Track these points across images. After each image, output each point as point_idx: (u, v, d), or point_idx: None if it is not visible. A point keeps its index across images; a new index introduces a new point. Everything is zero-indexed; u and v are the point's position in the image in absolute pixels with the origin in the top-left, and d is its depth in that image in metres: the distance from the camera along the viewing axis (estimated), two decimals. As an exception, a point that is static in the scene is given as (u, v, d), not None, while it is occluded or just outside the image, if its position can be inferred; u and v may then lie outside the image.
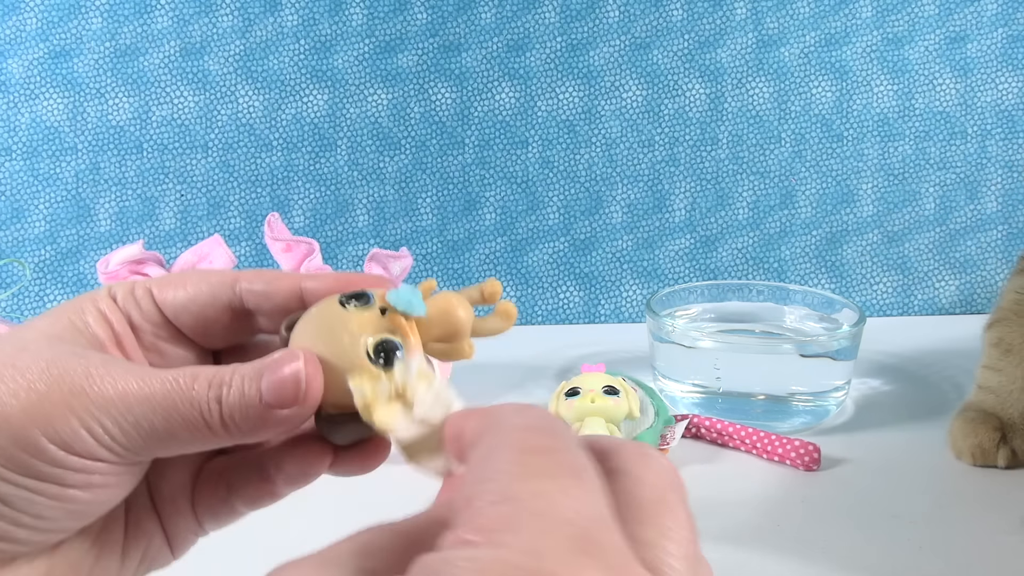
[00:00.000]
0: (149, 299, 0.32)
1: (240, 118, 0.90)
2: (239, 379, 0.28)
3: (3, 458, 0.27)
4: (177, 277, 0.33)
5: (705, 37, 0.91)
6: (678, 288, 0.77)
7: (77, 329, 0.30)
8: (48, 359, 0.28)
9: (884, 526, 0.55)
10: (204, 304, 0.32)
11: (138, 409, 0.28)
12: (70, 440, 0.27)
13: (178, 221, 0.91)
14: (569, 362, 0.80)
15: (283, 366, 0.28)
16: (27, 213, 0.89)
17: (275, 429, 0.29)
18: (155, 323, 0.32)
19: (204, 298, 0.32)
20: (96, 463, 0.28)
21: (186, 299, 0.32)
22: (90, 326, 0.31)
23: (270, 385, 0.28)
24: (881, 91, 0.91)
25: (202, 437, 0.28)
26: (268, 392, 0.28)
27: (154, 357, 0.32)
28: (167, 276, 0.33)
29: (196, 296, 0.32)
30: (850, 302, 0.73)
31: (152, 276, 0.33)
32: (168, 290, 0.32)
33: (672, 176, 0.92)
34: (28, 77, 0.88)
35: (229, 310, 0.32)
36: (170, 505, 0.32)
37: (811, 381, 0.68)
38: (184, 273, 0.33)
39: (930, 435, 0.66)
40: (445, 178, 0.92)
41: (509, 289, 0.93)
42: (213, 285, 0.32)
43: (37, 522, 0.28)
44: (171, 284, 0.32)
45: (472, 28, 0.90)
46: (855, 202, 0.92)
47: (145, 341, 0.32)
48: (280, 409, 0.28)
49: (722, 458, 0.63)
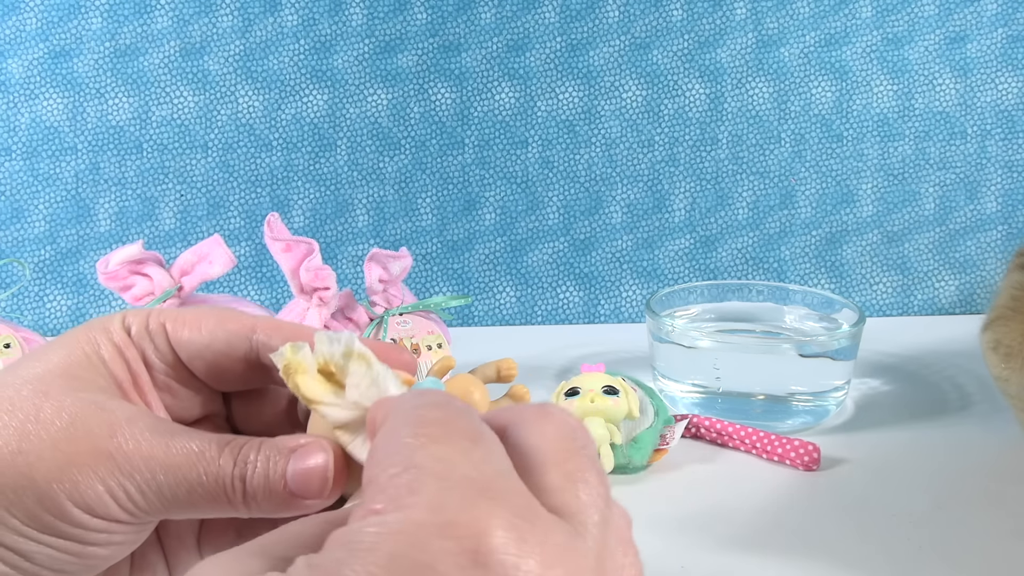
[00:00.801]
0: (163, 337, 0.32)
1: (240, 118, 0.90)
2: (264, 460, 0.28)
3: (27, 517, 0.27)
4: (193, 316, 0.32)
5: (705, 37, 0.91)
6: (678, 288, 0.77)
7: (94, 366, 0.30)
8: (72, 413, 0.28)
9: (884, 526, 0.55)
10: (219, 352, 0.31)
11: (162, 478, 0.28)
12: (93, 504, 0.27)
13: (178, 221, 0.91)
14: (569, 362, 0.80)
15: (310, 457, 0.28)
16: (27, 213, 0.89)
17: (295, 513, 0.28)
18: (168, 363, 0.32)
19: (220, 346, 0.31)
20: (116, 524, 0.28)
21: (201, 345, 0.31)
22: (107, 363, 0.30)
23: (295, 475, 0.28)
24: (881, 91, 0.91)
25: (222, 510, 0.28)
26: (294, 481, 0.28)
27: (166, 397, 0.32)
28: (183, 313, 0.32)
29: (211, 343, 0.31)
30: (850, 302, 0.73)
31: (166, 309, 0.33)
32: (184, 331, 0.32)
33: (672, 176, 0.92)
34: (28, 77, 0.88)
35: (244, 361, 0.32)
36: (176, 541, 0.32)
37: (811, 381, 0.68)
38: (200, 312, 0.32)
39: (930, 435, 0.66)
40: (445, 178, 0.92)
41: (509, 289, 0.93)
42: (230, 334, 0.31)
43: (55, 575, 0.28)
44: (187, 324, 0.32)
45: (472, 28, 0.90)
46: (855, 202, 0.92)
47: (157, 380, 0.32)
48: (303, 499, 0.28)
49: (722, 458, 0.63)
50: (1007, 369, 0.60)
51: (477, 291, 0.93)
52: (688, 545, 0.53)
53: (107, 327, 0.31)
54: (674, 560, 0.52)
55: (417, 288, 0.92)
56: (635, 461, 0.60)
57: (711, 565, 0.52)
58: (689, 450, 0.64)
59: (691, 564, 0.51)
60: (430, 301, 0.76)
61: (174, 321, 0.32)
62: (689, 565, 0.51)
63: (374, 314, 0.74)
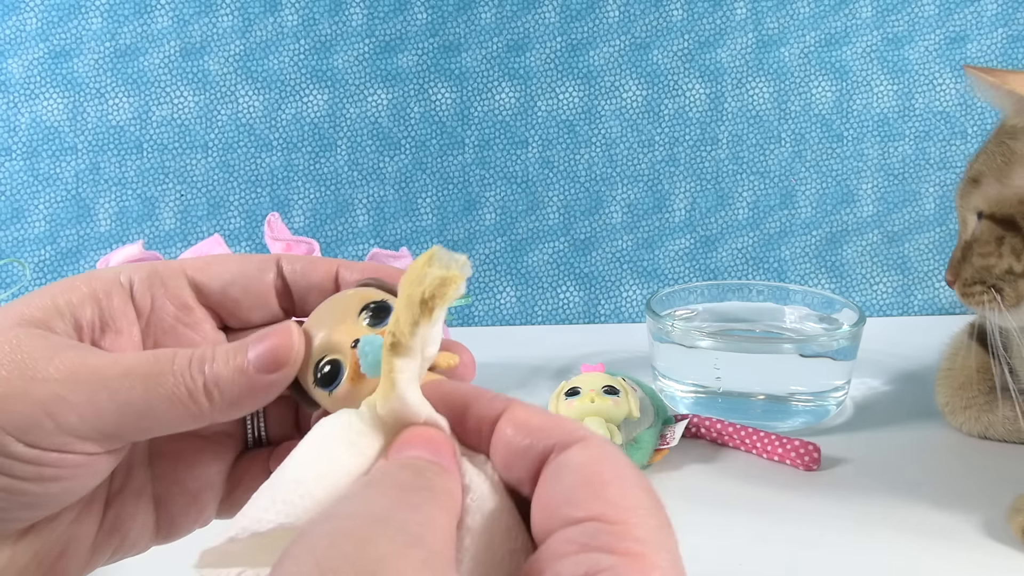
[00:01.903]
0: (181, 279, 0.32)
1: (240, 118, 0.90)
2: (223, 351, 0.28)
3: None
4: (217, 258, 0.33)
5: (705, 37, 0.91)
6: (678, 288, 0.77)
7: (56, 308, 0.29)
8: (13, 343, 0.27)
9: (884, 526, 0.55)
10: (251, 277, 0.32)
11: (115, 384, 0.27)
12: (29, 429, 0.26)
13: (178, 221, 0.91)
14: (569, 362, 0.80)
15: (273, 334, 0.28)
16: (27, 213, 0.89)
17: (259, 397, 0.28)
18: (180, 305, 0.32)
19: (252, 271, 0.32)
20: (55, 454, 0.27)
21: (232, 276, 0.32)
22: (73, 306, 0.29)
23: (260, 351, 0.28)
24: (881, 91, 0.91)
25: (182, 411, 0.27)
26: (256, 357, 0.28)
27: (169, 340, 0.31)
28: (205, 258, 0.33)
29: (243, 271, 0.32)
30: (850, 302, 0.73)
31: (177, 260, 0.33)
32: (213, 267, 0.32)
33: (672, 176, 0.92)
34: (28, 77, 0.88)
35: (271, 288, 0.32)
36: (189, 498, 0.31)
37: (811, 381, 0.68)
38: (222, 255, 0.33)
39: (930, 435, 0.66)
40: (445, 178, 0.92)
41: (509, 289, 0.93)
42: (258, 263, 0.32)
43: None
44: (211, 263, 0.32)
45: (472, 28, 0.90)
46: (855, 202, 0.92)
47: (164, 324, 0.31)
48: (267, 373, 0.28)
49: (722, 458, 0.63)
50: (963, 423, 0.66)
51: (477, 291, 0.93)
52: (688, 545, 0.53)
53: (91, 276, 0.31)
54: (674, 560, 0.52)
55: (417, 288, 0.91)
56: (635, 461, 0.60)
57: (711, 565, 0.52)
58: (689, 450, 0.64)
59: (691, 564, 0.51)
60: (430, 301, 0.76)
61: (196, 262, 0.32)
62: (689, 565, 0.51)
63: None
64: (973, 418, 0.65)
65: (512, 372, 0.78)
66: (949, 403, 0.66)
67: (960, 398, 0.66)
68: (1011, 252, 0.55)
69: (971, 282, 0.58)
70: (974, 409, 0.65)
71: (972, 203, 0.58)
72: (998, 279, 0.56)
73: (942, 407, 0.67)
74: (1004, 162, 0.56)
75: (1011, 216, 0.55)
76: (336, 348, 0.29)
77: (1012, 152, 0.55)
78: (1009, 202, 0.55)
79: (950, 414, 0.66)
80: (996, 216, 0.56)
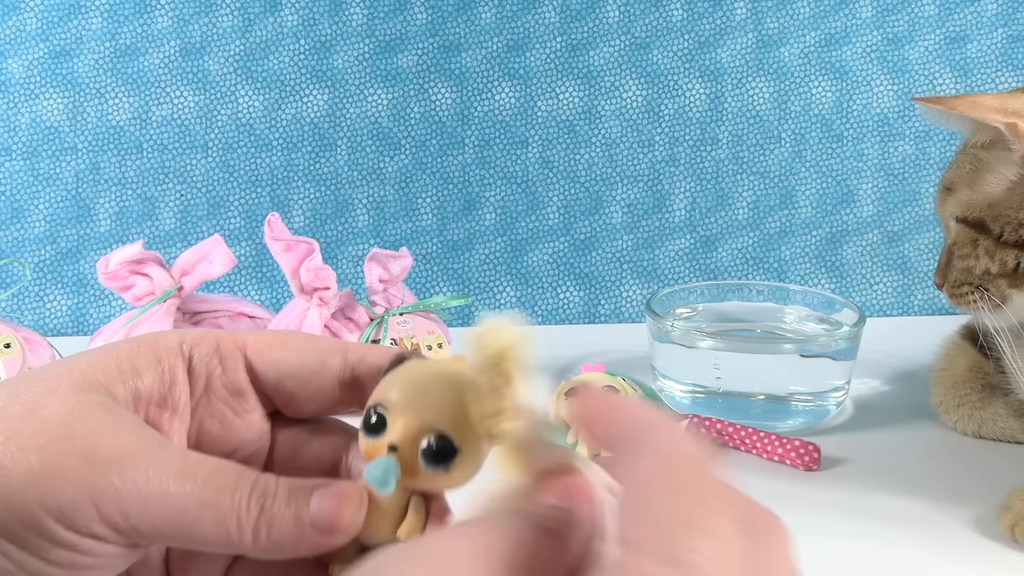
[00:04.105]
0: (239, 362, 0.29)
1: (240, 118, 0.90)
2: (285, 490, 0.26)
3: None
4: (279, 336, 0.30)
5: (705, 37, 0.91)
6: (678, 288, 0.77)
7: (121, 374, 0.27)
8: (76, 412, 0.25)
9: (884, 526, 0.55)
10: (311, 370, 0.30)
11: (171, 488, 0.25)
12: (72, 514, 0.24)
13: (178, 221, 0.91)
14: (569, 362, 0.80)
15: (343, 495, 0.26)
16: (27, 213, 0.89)
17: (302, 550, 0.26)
18: (234, 391, 0.30)
19: (312, 363, 0.30)
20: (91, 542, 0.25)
21: (295, 363, 0.29)
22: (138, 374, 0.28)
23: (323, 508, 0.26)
24: (881, 91, 0.91)
25: (224, 537, 0.25)
26: (318, 513, 0.26)
27: (213, 425, 0.30)
28: (266, 334, 0.30)
29: (305, 360, 0.30)
30: (850, 302, 0.73)
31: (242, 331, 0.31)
32: (273, 351, 0.30)
33: (672, 176, 0.92)
34: (28, 77, 0.88)
35: (331, 381, 0.30)
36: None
37: (811, 381, 0.68)
38: (285, 333, 0.30)
39: (930, 435, 0.66)
40: (445, 178, 0.92)
41: (509, 289, 0.93)
42: (322, 351, 0.30)
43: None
44: (274, 345, 0.30)
45: (472, 28, 0.90)
46: (855, 202, 0.92)
47: (213, 407, 0.29)
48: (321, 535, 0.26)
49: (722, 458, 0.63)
50: (957, 422, 0.66)
51: (477, 291, 0.93)
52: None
53: (155, 342, 0.29)
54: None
55: (417, 288, 0.92)
56: (635, 461, 0.60)
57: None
58: (689, 450, 0.64)
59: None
60: (430, 301, 0.76)
61: (257, 342, 0.30)
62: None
63: (374, 314, 0.74)
64: (966, 416, 0.66)
65: (512, 372, 0.78)
66: (943, 402, 0.67)
67: (953, 396, 0.67)
68: (986, 254, 0.58)
69: (958, 284, 0.61)
70: (967, 407, 0.66)
71: (948, 210, 0.61)
72: (980, 280, 0.59)
73: (936, 407, 0.68)
74: (973, 169, 0.59)
75: (981, 219, 0.58)
76: None
77: (979, 160, 0.59)
78: (979, 206, 0.58)
79: (944, 413, 0.67)
80: (968, 220, 0.59)
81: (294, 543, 0.26)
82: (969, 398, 0.66)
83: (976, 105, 0.56)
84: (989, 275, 0.58)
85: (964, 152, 0.61)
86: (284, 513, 0.26)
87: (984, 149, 0.58)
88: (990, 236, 0.58)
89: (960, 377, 0.67)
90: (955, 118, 0.58)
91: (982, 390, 0.66)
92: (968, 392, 0.66)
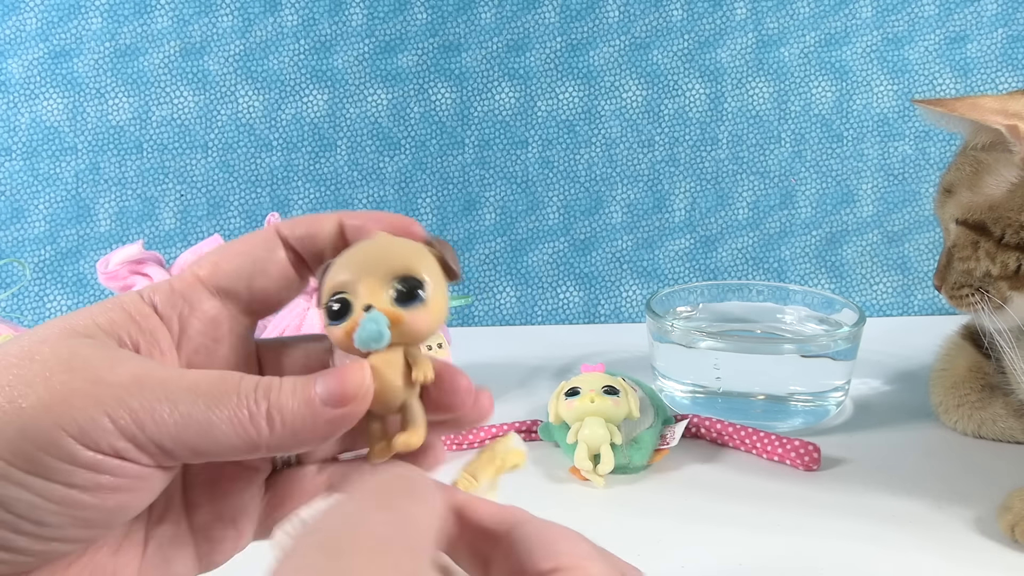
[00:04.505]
0: (199, 292, 0.30)
1: (240, 118, 0.90)
2: (290, 381, 0.27)
3: (20, 459, 0.25)
4: (221, 254, 0.31)
5: (705, 37, 0.91)
6: (678, 288, 0.77)
7: (99, 326, 0.28)
8: (70, 350, 0.26)
9: (884, 526, 0.55)
10: (264, 262, 0.31)
11: (178, 396, 0.26)
12: (95, 436, 0.25)
13: (178, 221, 0.91)
14: (569, 362, 0.80)
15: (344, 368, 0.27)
16: (27, 213, 0.89)
17: (321, 430, 0.27)
18: (208, 320, 0.30)
19: (261, 254, 0.31)
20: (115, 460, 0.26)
21: (239, 265, 0.31)
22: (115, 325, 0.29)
23: (329, 384, 0.27)
24: (881, 91, 0.91)
25: (241, 435, 0.26)
26: (325, 390, 0.27)
27: (200, 360, 0.30)
28: (206, 255, 0.31)
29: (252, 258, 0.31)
30: (850, 302, 0.73)
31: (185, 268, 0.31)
32: (222, 266, 0.31)
33: (672, 176, 0.92)
34: (28, 77, 0.88)
35: (286, 265, 0.31)
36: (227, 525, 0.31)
37: (811, 381, 0.68)
38: (221, 249, 0.31)
39: (930, 435, 0.66)
40: (445, 178, 0.92)
41: (509, 289, 0.93)
42: (263, 244, 0.31)
43: (39, 529, 0.26)
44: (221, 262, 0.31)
45: (472, 28, 0.90)
46: (855, 202, 0.92)
47: (193, 342, 0.30)
48: (334, 407, 0.27)
49: (722, 458, 0.63)
50: (957, 422, 0.66)
51: (477, 291, 0.93)
52: (688, 545, 0.53)
53: (117, 300, 0.30)
54: (674, 560, 0.52)
55: (417, 288, 0.91)
56: (635, 461, 0.60)
57: (711, 565, 0.52)
58: (689, 450, 0.64)
59: (691, 564, 0.51)
60: (430, 301, 0.76)
61: (204, 267, 0.31)
62: (689, 565, 0.51)
63: (374, 314, 0.74)
64: (966, 416, 0.66)
65: (512, 372, 0.78)
66: (942, 402, 0.67)
67: (953, 396, 0.67)
68: (986, 256, 0.58)
69: (958, 286, 0.61)
70: (966, 407, 0.66)
71: (948, 212, 0.61)
72: (981, 282, 0.59)
73: (936, 407, 0.68)
74: (973, 171, 0.59)
75: (982, 222, 0.58)
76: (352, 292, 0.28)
77: (980, 162, 0.59)
78: (980, 208, 0.58)
79: (943, 413, 0.67)
80: (969, 222, 0.59)
81: (311, 427, 0.27)
82: (969, 398, 0.66)
83: (976, 107, 0.56)
84: (990, 277, 0.58)
85: (964, 154, 0.60)
86: (291, 400, 0.27)
87: (984, 151, 0.58)
88: (991, 238, 0.58)
89: (960, 377, 0.67)
90: (955, 120, 0.58)
91: (982, 390, 0.66)
92: (968, 392, 0.66)
